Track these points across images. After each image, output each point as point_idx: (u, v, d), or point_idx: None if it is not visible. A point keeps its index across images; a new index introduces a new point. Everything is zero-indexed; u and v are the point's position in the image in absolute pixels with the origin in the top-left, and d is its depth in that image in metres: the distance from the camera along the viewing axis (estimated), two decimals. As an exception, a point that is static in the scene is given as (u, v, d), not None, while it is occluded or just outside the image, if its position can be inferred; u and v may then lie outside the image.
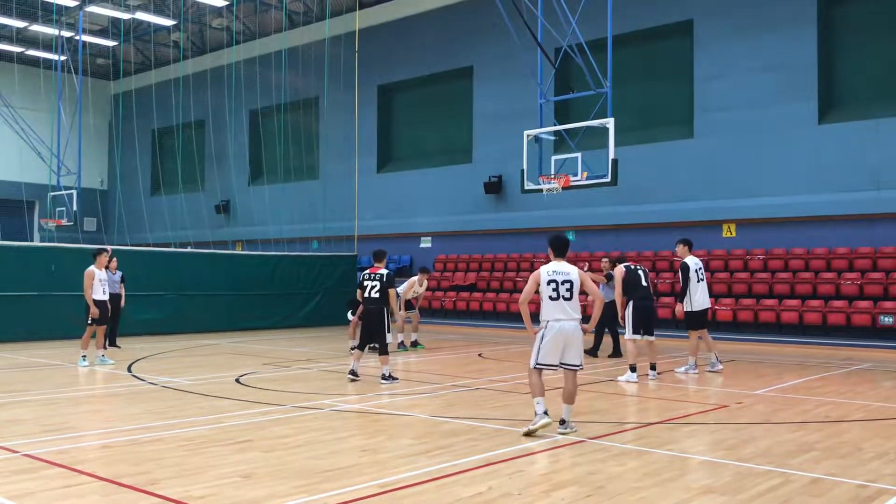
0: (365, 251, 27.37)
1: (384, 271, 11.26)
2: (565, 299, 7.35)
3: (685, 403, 9.41)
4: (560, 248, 7.61)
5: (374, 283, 11.15)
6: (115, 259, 15.19)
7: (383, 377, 10.88)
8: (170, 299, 19.96)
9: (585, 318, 8.03)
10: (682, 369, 12.41)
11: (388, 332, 11.16)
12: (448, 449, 6.76)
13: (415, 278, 16.06)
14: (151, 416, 8.26)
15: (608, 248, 22.07)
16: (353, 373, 11.08)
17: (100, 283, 13.00)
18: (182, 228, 31.10)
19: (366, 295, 11.15)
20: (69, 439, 7.04)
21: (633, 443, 7.06)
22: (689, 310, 12.23)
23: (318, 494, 5.30)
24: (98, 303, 12.87)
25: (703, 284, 12.31)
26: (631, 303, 11.53)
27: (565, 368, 7.45)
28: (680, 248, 12.47)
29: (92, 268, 12.99)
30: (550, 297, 7.36)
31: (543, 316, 7.41)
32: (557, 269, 7.44)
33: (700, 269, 12.27)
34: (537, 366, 7.42)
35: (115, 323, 15.28)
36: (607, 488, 5.53)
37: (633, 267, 11.99)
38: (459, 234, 25.34)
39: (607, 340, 14.84)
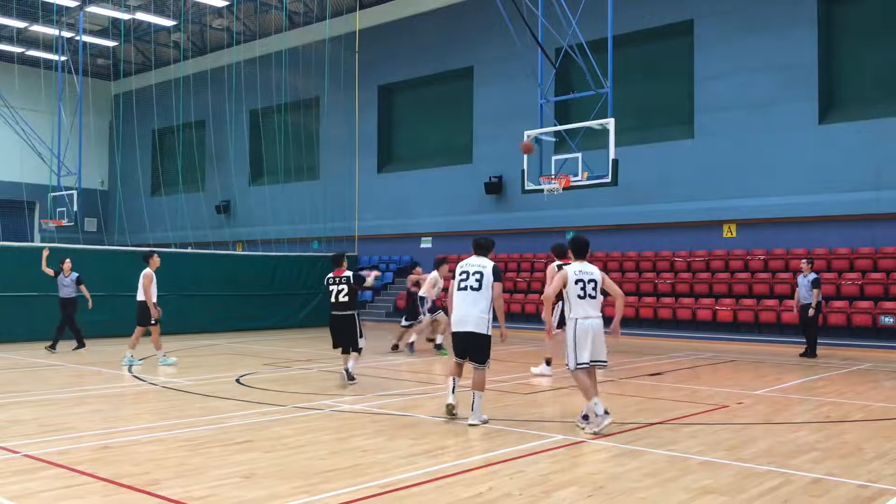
0: (365, 251, 27.40)
1: (349, 273, 10.70)
2: (591, 297, 7.61)
3: (685, 403, 9.40)
4: (581, 249, 7.87)
5: (342, 286, 10.59)
6: (68, 261, 15.09)
7: (346, 371, 10.60)
8: (170, 299, 19.89)
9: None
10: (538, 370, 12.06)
11: (362, 336, 10.75)
12: (448, 449, 6.76)
13: (434, 274, 15.05)
14: (151, 416, 8.26)
15: (608, 248, 22.08)
16: (348, 376, 10.73)
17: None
18: (182, 229, 31.10)
19: (332, 300, 10.63)
20: (69, 439, 7.03)
21: (633, 443, 7.05)
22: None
23: (318, 495, 5.29)
24: (142, 303, 12.88)
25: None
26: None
27: (594, 365, 7.67)
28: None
29: (148, 270, 13.04)
30: (579, 296, 7.59)
31: (572, 314, 7.61)
32: (582, 269, 7.70)
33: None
34: (579, 366, 7.56)
35: (72, 324, 15.04)
36: (607, 488, 5.53)
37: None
38: (460, 235, 25.32)
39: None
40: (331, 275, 10.79)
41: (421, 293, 15.13)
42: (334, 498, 5.22)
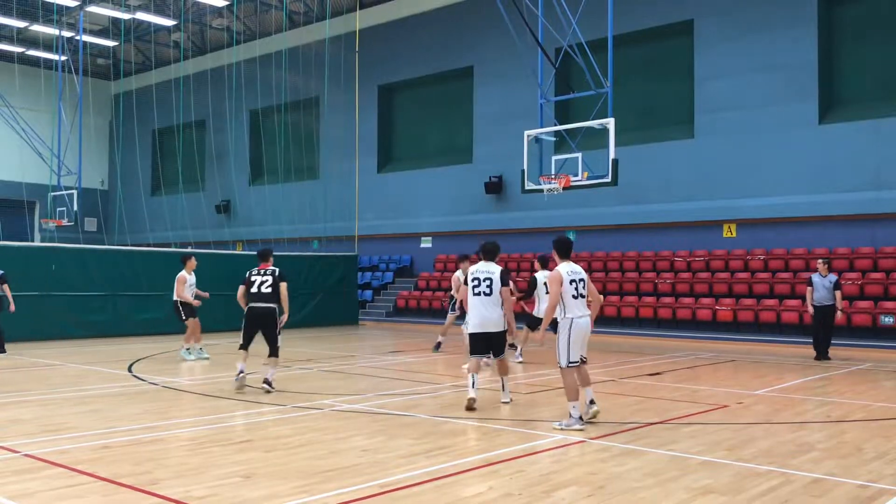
0: (365, 251, 27.39)
1: (276, 269, 10.29)
2: (582, 297, 7.79)
3: (685, 403, 9.40)
4: (566, 249, 8.01)
5: (266, 278, 10.09)
6: None
7: (266, 381, 9.90)
8: (170, 299, 19.88)
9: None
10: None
11: (280, 333, 10.21)
12: (448, 449, 6.75)
13: (458, 273, 14.52)
14: (151, 416, 8.25)
15: (608, 248, 22.08)
16: (242, 373, 10.04)
17: (189, 287, 13.86)
18: (182, 228, 31.10)
19: (253, 290, 10.07)
20: (69, 439, 7.03)
21: (633, 443, 7.05)
22: (536, 314, 12.88)
23: (318, 494, 5.29)
24: (185, 302, 13.71)
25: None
26: None
27: (582, 361, 7.87)
28: (537, 264, 13.32)
29: (183, 272, 13.80)
30: (573, 296, 7.72)
31: (567, 314, 7.70)
32: (572, 269, 7.81)
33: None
34: (570, 364, 7.70)
35: None
36: (607, 488, 5.53)
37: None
38: (460, 234, 25.33)
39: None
40: (254, 269, 10.32)
41: (452, 292, 15.17)
42: (334, 498, 5.22)
